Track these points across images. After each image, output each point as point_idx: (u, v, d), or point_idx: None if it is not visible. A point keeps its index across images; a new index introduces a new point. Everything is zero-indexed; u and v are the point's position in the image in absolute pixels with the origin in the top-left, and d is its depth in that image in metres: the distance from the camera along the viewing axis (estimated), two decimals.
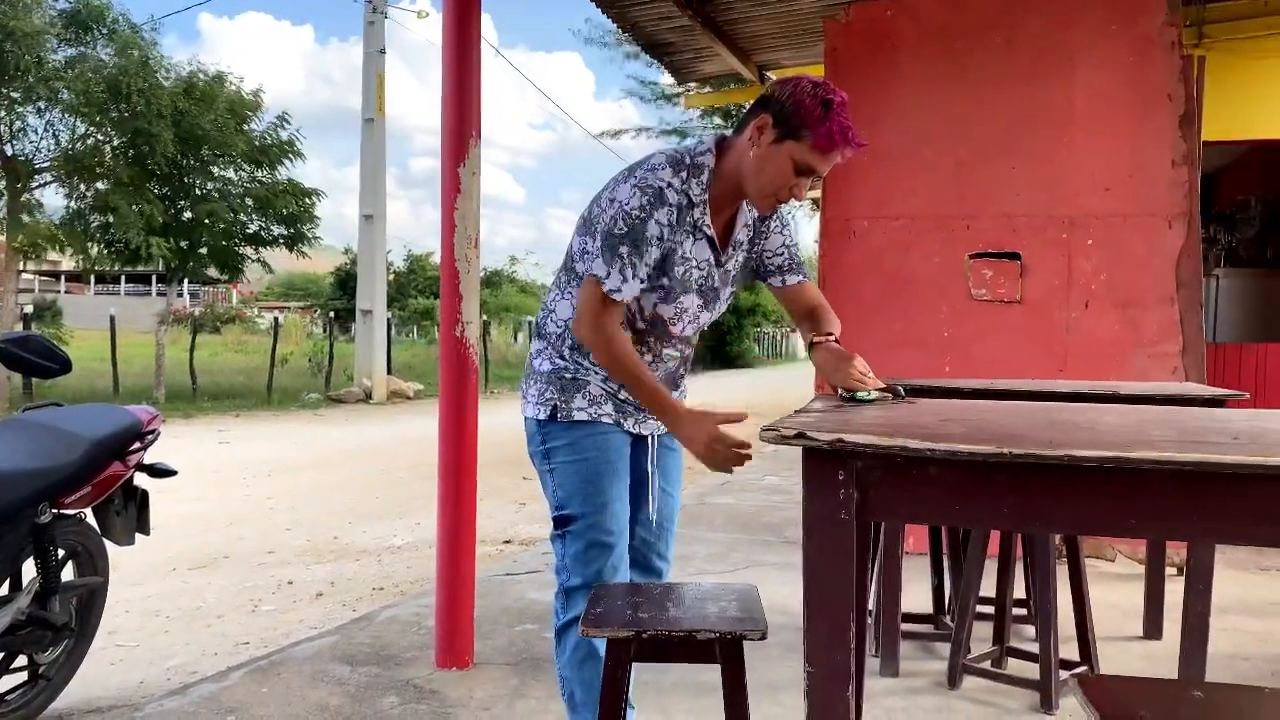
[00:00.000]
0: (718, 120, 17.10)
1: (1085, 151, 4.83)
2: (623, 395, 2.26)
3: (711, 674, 1.86)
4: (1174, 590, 3.39)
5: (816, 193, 8.40)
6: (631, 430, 2.30)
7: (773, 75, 7.45)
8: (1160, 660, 3.42)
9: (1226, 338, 6.96)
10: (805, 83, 2.05)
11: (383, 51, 18.12)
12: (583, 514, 2.21)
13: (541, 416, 2.25)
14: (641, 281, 2.11)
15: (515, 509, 7.03)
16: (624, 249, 2.06)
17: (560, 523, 2.24)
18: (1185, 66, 4.72)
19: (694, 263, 2.19)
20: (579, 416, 2.23)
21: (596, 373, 2.25)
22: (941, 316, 5.00)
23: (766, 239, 2.34)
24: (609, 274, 2.07)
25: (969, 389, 3.04)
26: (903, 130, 5.06)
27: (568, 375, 2.25)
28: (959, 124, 4.98)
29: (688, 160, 2.14)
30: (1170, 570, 3.95)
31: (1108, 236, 4.81)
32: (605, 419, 2.25)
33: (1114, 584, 4.46)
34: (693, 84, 8.04)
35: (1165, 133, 4.73)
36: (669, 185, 2.09)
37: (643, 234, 2.06)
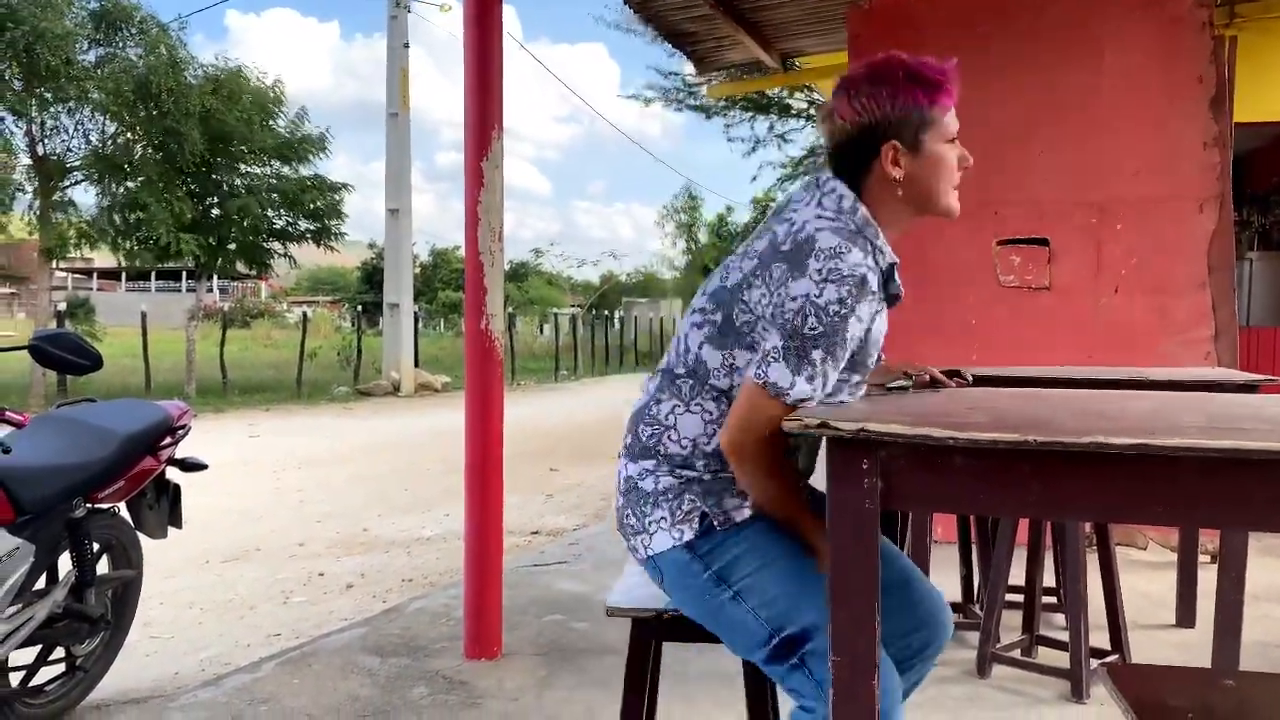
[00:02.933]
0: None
1: (1114, 135, 4.76)
2: None
3: (734, 662, 1.87)
4: (1207, 578, 3.35)
5: None
6: None
7: (797, 63, 7.41)
8: (1193, 648, 3.39)
9: (1260, 321, 6.87)
10: (887, 79, 1.73)
11: (406, 45, 18.17)
12: (819, 622, 1.58)
13: (688, 537, 1.71)
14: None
15: (543, 500, 7.06)
16: (817, 354, 1.63)
17: (789, 647, 1.64)
18: (1216, 47, 4.64)
19: (878, 337, 1.79)
20: (739, 517, 1.72)
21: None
22: (969, 303, 4.96)
23: None
24: (794, 383, 1.62)
25: (997, 376, 3.02)
26: None
27: (706, 478, 1.73)
28: (984, 109, 4.92)
29: (852, 225, 1.72)
30: (1203, 557, 3.91)
31: (1138, 221, 4.74)
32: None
33: (1145, 571, 4.42)
34: (715, 74, 8.00)
35: (1196, 115, 4.65)
36: (869, 270, 1.66)
37: (842, 333, 1.64)
